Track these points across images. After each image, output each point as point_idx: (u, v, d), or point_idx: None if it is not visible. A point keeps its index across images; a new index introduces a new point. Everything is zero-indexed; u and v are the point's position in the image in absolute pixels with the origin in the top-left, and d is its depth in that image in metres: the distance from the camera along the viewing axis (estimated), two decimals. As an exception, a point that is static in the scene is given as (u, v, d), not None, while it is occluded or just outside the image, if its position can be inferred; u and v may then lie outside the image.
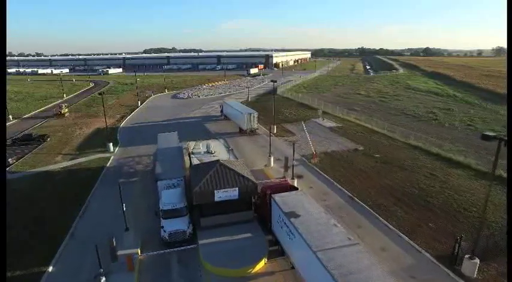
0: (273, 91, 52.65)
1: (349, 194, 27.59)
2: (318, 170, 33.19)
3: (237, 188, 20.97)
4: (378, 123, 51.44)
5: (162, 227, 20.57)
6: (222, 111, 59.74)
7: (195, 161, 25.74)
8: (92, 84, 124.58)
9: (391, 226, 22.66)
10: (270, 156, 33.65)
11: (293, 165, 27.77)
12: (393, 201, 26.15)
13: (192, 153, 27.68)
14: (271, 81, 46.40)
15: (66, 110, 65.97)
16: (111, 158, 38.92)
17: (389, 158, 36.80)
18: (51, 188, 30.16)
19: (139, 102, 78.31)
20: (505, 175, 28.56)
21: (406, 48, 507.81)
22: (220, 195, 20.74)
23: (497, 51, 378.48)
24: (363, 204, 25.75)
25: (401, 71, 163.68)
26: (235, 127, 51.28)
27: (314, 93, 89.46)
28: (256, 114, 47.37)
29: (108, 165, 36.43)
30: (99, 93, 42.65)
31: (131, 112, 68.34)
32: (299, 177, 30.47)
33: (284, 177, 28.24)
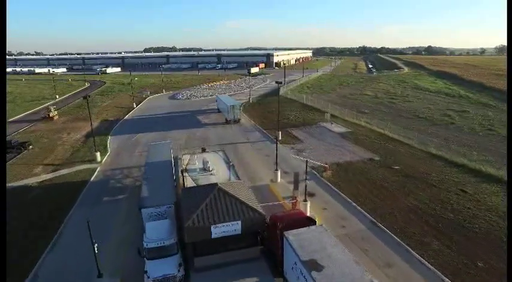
0: (278, 93, 48.46)
1: (371, 218, 23.37)
2: (331, 185, 28.98)
3: (240, 221, 16.78)
4: (391, 128, 47.23)
5: (146, 271, 16.33)
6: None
7: (189, 181, 21.52)
8: (87, 84, 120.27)
9: (428, 264, 18.43)
10: (276, 170, 29.37)
11: (306, 186, 23.52)
12: (425, 229, 21.92)
13: (186, 170, 23.41)
14: (276, 82, 42.19)
15: (56, 112, 61.75)
16: (98, 169, 34.74)
17: (410, 170, 32.57)
18: (19, 210, 25.65)
19: (134, 103, 74.16)
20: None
21: (407, 46, 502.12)
22: (218, 230, 16.56)
23: (500, 49, 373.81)
24: (389, 233, 21.53)
25: (406, 70, 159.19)
26: (223, 118, 55.08)
27: (318, 93, 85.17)
28: (238, 106, 53.96)
29: (92, 179, 32.22)
30: (84, 97, 38.38)
31: (125, 115, 64.17)
32: (311, 195, 26.26)
33: (295, 198, 24.03)
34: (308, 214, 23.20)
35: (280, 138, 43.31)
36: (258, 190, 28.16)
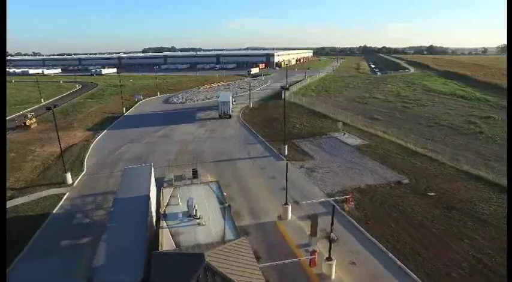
0: (284, 102, 42.10)
1: None
2: (356, 224, 22.61)
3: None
4: (411, 138, 41.01)
5: None
6: None
7: (166, 238, 15.04)
8: (78, 87, 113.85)
9: None
10: (286, 204, 22.90)
11: (331, 240, 17.12)
12: (503, 303, 15.58)
13: (164, 215, 16.99)
14: (282, 88, 35.80)
15: (34, 120, 55.24)
16: (65, 196, 28.40)
17: (450, 197, 26.24)
18: None
19: (124, 109, 67.80)
20: None
21: (408, 46, 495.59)
22: None
23: (503, 49, 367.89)
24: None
25: (412, 70, 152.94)
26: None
27: (324, 96, 78.96)
28: (228, 102, 58.41)
29: (56, 210, 25.87)
30: (48, 108, 32.09)
31: (112, 122, 57.79)
32: (332, 240, 19.88)
33: (314, 252, 17.61)
34: (333, 276, 16.90)
35: (286, 152, 37.06)
36: (262, 230, 21.90)
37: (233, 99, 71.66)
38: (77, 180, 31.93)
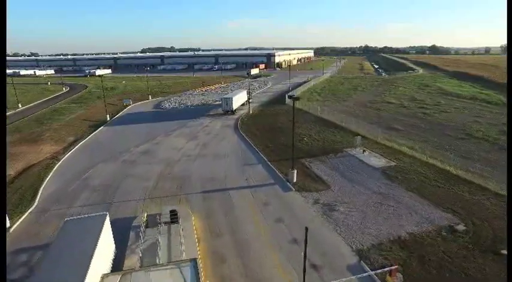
0: (293, 120, 34.40)
1: None
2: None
3: None
4: (446, 157, 33.21)
5: None
6: None
7: None
8: (65, 89, 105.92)
9: None
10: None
11: None
12: None
13: None
14: (289, 97, 28.02)
15: (-4, 131, 47.22)
16: (-7, 250, 20.50)
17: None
18: None
19: (108, 116, 59.94)
20: None
21: (408, 46, 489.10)
22: None
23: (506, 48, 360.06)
24: None
25: (420, 71, 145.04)
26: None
27: (332, 101, 71.03)
28: (231, 100, 60.37)
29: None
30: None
31: (91, 132, 49.80)
32: None
33: None
34: None
35: (295, 179, 29.11)
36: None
37: (249, 97, 68.78)
38: (18, 222, 24.02)
